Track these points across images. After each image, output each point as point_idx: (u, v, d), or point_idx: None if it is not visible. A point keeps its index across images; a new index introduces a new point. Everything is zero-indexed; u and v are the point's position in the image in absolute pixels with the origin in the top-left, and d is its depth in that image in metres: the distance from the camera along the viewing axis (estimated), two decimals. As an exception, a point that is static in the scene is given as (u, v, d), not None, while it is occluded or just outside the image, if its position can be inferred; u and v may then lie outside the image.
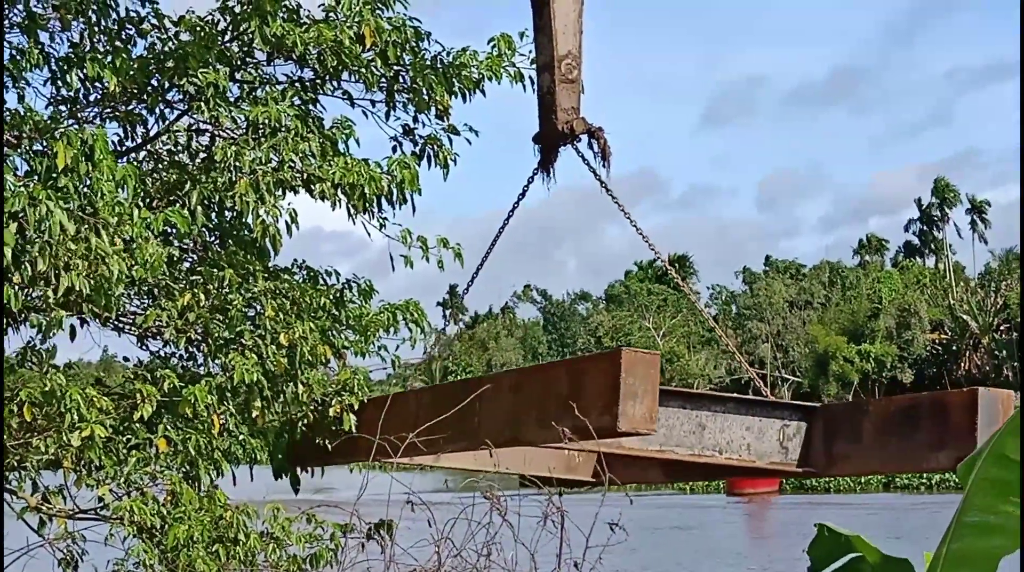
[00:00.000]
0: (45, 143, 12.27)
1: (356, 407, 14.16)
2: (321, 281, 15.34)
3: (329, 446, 14.17)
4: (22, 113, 12.77)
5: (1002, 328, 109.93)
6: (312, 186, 13.92)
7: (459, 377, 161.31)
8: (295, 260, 15.58)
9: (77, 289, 11.36)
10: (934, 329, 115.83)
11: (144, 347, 15.16)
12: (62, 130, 12.01)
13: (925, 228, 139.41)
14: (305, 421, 14.41)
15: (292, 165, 13.69)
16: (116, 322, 14.90)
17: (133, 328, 14.60)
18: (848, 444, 8.44)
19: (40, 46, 13.68)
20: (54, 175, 11.54)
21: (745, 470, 7.66)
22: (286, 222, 13.85)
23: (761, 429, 6.89)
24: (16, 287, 11.43)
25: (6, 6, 14.04)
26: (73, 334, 14.17)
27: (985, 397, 6.84)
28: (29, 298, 12.47)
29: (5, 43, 13.79)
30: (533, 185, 10.00)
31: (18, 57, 12.88)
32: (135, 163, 14.89)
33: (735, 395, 7.04)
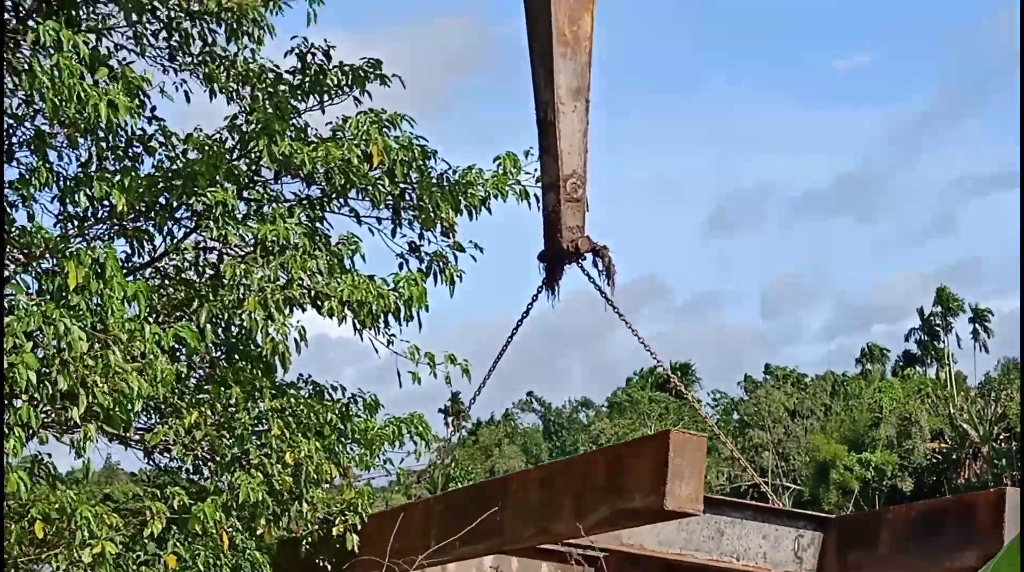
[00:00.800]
0: (55, 262, 12.34)
1: (359, 527, 14.12)
2: (327, 395, 15.36)
3: (329, 567, 14.11)
4: (31, 231, 12.86)
5: (1001, 437, 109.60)
6: (320, 303, 13.98)
7: (461, 484, 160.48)
8: (301, 375, 15.64)
9: (98, 405, 11.38)
10: (934, 438, 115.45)
11: (151, 461, 15.15)
12: (72, 249, 12.08)
13: (926, 337, 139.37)
14: (309, 539, 14.35)
15: (300, 282, 13.75)
16: (124, 436, 14.91)
17: (140, 444, 14.59)
18: (863, 553, 8.42)
19: (49, 165, 13.77)
20: (65, 294, 11.59)
21: None
22: (295, 339, 13.89)
23: (777, 538, 6.88)
24: (35, 406, 11.44)
25: (15, 124, 14.21)
26: (80, 451, 14.14)
27: (1012, 496, 6.83)
28: (48, 415, 12.49)
29: (15, 162, 13.92)
30: (538, 300, 10.04)
31: (27, 176, 12.97)
32: (143, 280, 14.96)
33: (753, 503, 7.02)
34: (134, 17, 14.77)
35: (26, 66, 11.51)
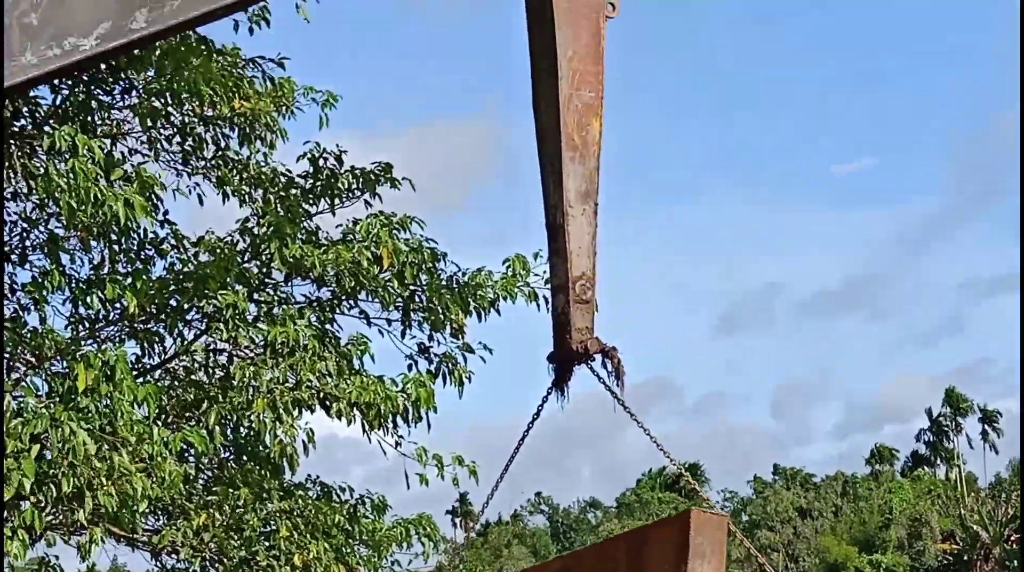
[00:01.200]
0: (65, 364, 12.40)
1: None
2: (335, 496, 15.33)
3: None
4: (43, 333, 12.93)
5: (1012, 538, 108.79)
6: (328, 404, 14.01)
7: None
8: (309, 475, 15.62)
9: (103, 507, 11.37)
10: (945, 539, 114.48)
11: (158, 562, 15.09)
12: (83, 351, 12.15)
13: (935, 438, 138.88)
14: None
15: (309, 384, 13.80)
16: (131, 538, 14.87)
17: (148, 545, 14.54)
18: None
19: (61, 268, 13.86)
20: (75, 396, 11.63)
21: None
22: (303, 441, 13.92)
23: None
24: (39, 509, 11.43)
25: (29, 227, 14.35)
26: (86, 554, 14.11)
27: None
28: (55, 517, 12.48)
29: (29, 265, 14.03)
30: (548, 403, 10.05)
31: (40, 280, 13.07)
32: (153, 382, 15.01)
33: None
34: (148, 122, 14.96)
35: (42, 171, 11.66)
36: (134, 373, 13.68)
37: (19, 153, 11.67)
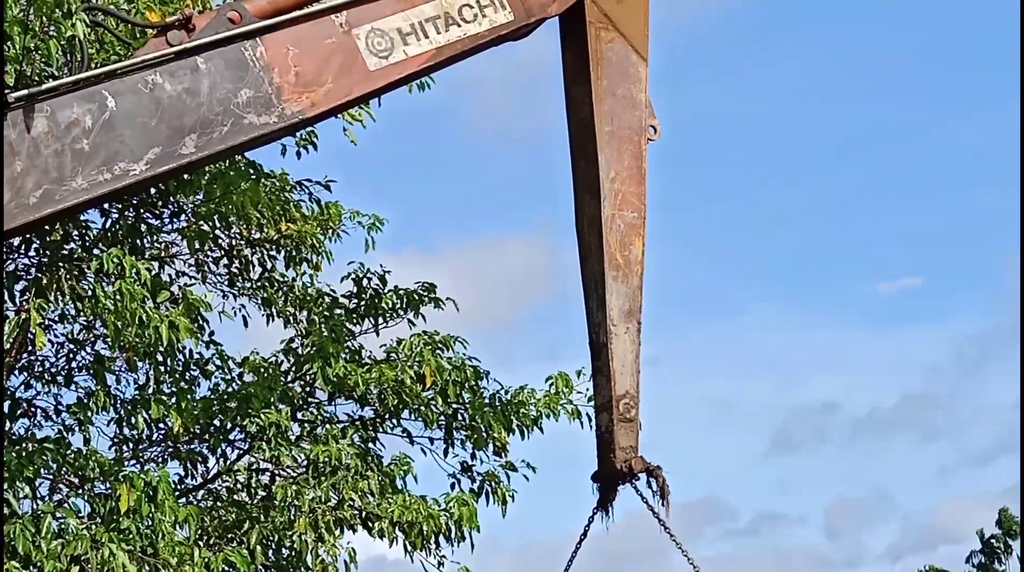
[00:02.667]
0: (108, 485, 12.42)
1: None
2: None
3: None
4: (87, 455, 12.97)
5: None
6: (371, 524, 13.96)
7: None
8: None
9: None
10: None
11: None
12: (125, 472, 12.16)
13: (986, 560, 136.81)
14: None
15: (351, 503, 13.77)
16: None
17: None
18: None
19: (107, 388, 13.92)
20: (116, 517, 11.62)
21: None
22: (345, 561, 13.85)
23: None
24: None
25: (76, 349, 14.46)
26: None
27: None
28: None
29: (75, 385, 14.11)
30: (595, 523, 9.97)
31: (86, 401, 13.16)
32: (194, 502, 15.01)
33: None
34: (196, 245, 15.14)
35: (90, 293, 11.79)
36: (176, 494, 13.70)
37: (67, 275, 11.81)
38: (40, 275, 11.96)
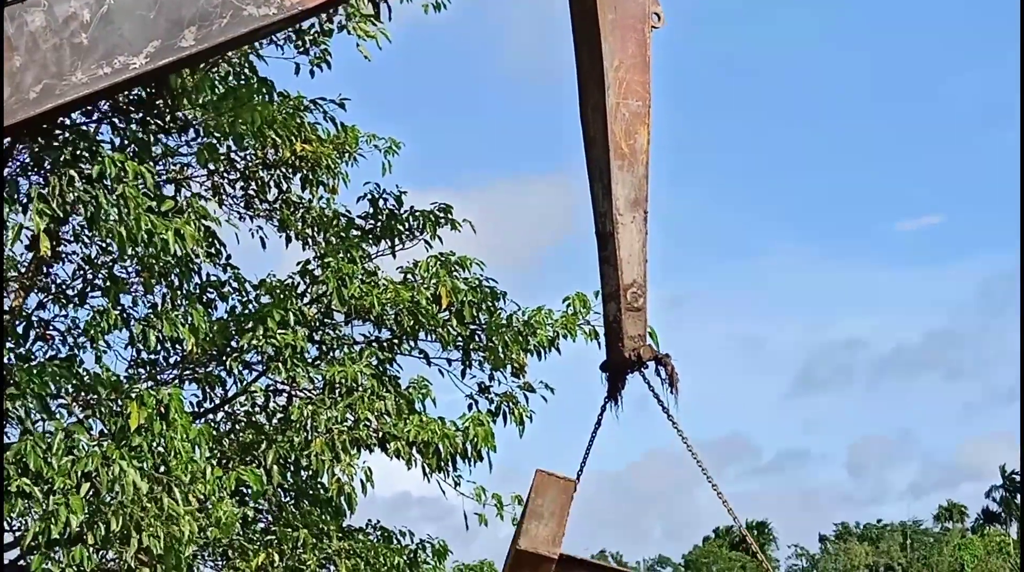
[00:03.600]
0: (120, 403, 12.36)
1: None
2: (395, 541, 15.19)
3: None
4: (98, 373, 12.91)
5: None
6: (387, 445, 13.91)
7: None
8: (369, 520, 15.48)
9: (149, 548, 11.27)
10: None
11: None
12: (137, 391, 12.09)
13: (1007, 495, 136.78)
14: None
15: (368, 424, 13.71)
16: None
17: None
18: None
19: (120, 307, 13.80)
20: (127, 435, 11.57)
21: None
22: (361, 480, 13.80)
23: None
24: (89, 548, 11.36)
25: (90, 272, 14.38)
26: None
27: None
28: (104, 561, 12.40)
29: (87, 305, 14.03)
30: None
31: (97, 317, 13.05)
32: (212, 424, 14.98)
33: None
34: (211, 166, 15.03)
35: (91, 198, 11.63)
36: (193, 416, 13.66)
37: (68, 181, 11.60)
38: (41, 179, 11.82)
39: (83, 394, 12.85)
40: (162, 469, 11.65)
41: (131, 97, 13.67)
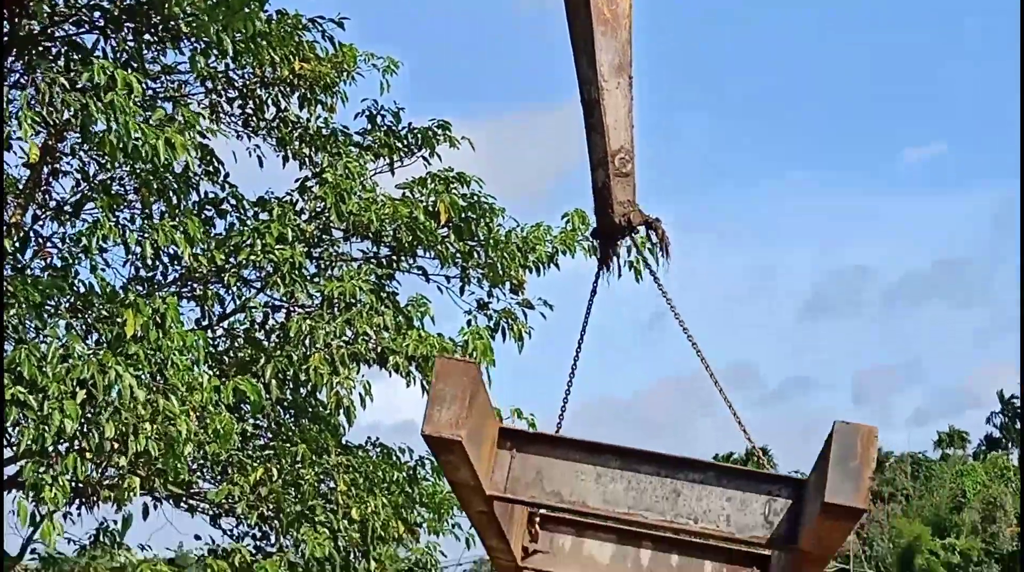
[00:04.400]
0: (116, 312, 12.33)
1: None
2: (394, 458, 15.24)
3: None
4: (93, 283, 12.88)
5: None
6: (386, 360, 13.91)
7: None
8: (368, 437, 15.53)
9: (146, 451, 11.27)
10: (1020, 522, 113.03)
11: (217, 526, 15.08)
12: (131, 299, 12.06)
13: (1008, 420, 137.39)
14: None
15: (366, 339, 13.70)
16: (189, 501, 14.85)
17: (205, 505, 14.51)
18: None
19: (115, 219, 13.71)
20: (124, 343, 11.54)
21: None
22: (360, 395, 13.81)
23: (744, 501, 6.44)
24: (85, 456, 11.36)
25: (88, 188, 14.31)
26: (146, 512, 14.14)
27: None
28: (102, 471, 12.44)
29: (83, 217, 13.97)
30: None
31: (92, 228, 12.98)
32: (211, 341, 14.98)
33: (718, 463, 6.58)
34: (209, 85, 14.93)
35: (80, 104, 11.53)
36: (192, 332, 13.64)
37: (52, 87, 11.49)
38: (33, 90, 11.73)
39: (79, 305, 12.83)
40: (158, 378, 11.65)
41: (123, 5, 13.54)
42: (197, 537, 15.00)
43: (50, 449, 10.89)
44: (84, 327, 12.50)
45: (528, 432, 6.69)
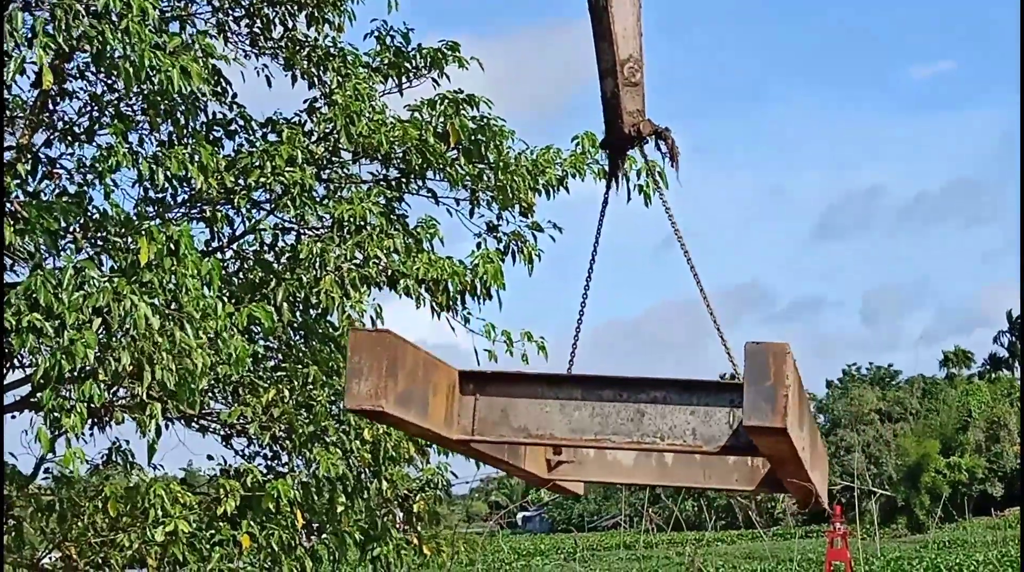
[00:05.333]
0: (130, 239, 12.34)
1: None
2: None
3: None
4: (107, 210, 12.88)
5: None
6: (396, 282, 13.93)
7: (540, 491, 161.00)
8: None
9: (162, 381, 11.32)
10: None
11: (229, 447, 15.18)
12: (146, 227, 12.06)
13: (1013, 339, 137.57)
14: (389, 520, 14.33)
15: (377, 261, 13.71)
16: (201, 421, 14.94)
17: (218, 425, 14.60)
18: None
19: (128, 145, 13.71)
20: (138, 270, 11.55)
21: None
22: (371, 317, 13.86)
23: (708, 413, 6.48)
24: (101, 384, 11.40)
25: (97, 110, 14.27)
26: (159, 432, 14.20)
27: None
28: (115, 395, 12.50)
29: (95, 142, 13.95)
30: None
31: (105, 154, 12.97)
32: (222, 263, 15.00)
33: (675, 378, 6.61)
34: (216, 3, 14.84)
35: (95, 33, 11.46)
36: (203, 254, 13.65)
37: (68, 13, 11.41)
38: (47, 14, 11.63)
39: (92, 231, 12.83)
40: (173, 306, 11.67)
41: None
42: (210, 457, 15.12)
43: (67, 376, 10.92)
44: (97, 254, 12.50)
45: (488, 372, 6.79)
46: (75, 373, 10.98)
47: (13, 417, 13.91)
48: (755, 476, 8.18)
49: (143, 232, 11.63)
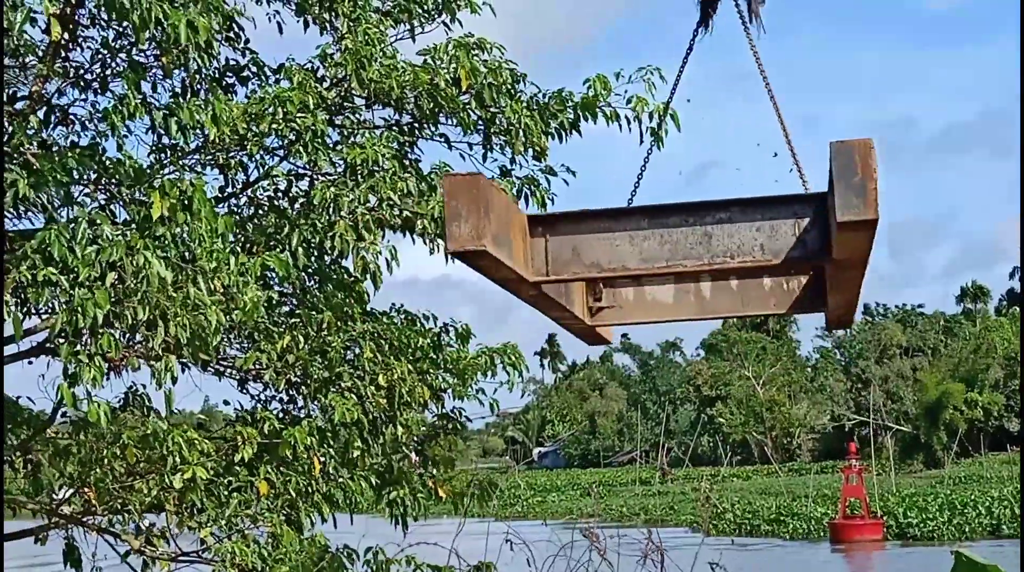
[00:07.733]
0: (143, 192, 12.36)
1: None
2: (419, 324, 15.35)
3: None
4: (120, 161, 12.89)
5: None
6: (412, 226, 13.96)
7: (556, 426, 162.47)
8: (393, 304, 15.64)
9: (176, 337, 11.38)
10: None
11: (245, 391, 15.28)
12: (159, 180, 12.06)
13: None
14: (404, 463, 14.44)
15: (391, 204, 13.72)
16: (217, 366, 15.03)
17: (233, 371, 14.69)
18: None
19: (141, 95, 13.70)
20: (151, 224, 11.56)
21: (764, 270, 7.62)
22: (386, 259, 13.89)
23: (773, 227, 6.59)
24: (115, 335, 11.46)
25: (109, 57, 14.26)
26: (175, 379, 14.29)
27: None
28: (131, 344, 12.57)
29: (109, 92, 13.96)
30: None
31: (119, 105, 12.97)
32: (235, 209, 15.03)
33: (737, 198, 6.73)
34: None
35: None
36: (216, 201, 13.68)
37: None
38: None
39: (105, 181, 12.85)
40: (187, 258, 11.70)
41: None
42: (226, 402, 15.23)
43: (84, 330, 10.99)
44: (110, 204, 12.54)
45: (555, 214, 6.90)
46: (91, 327, 11.02)
47: (30, 363, 14.02)
48: (790, 298, 8.33)
49: (156, 186, 11.62)
